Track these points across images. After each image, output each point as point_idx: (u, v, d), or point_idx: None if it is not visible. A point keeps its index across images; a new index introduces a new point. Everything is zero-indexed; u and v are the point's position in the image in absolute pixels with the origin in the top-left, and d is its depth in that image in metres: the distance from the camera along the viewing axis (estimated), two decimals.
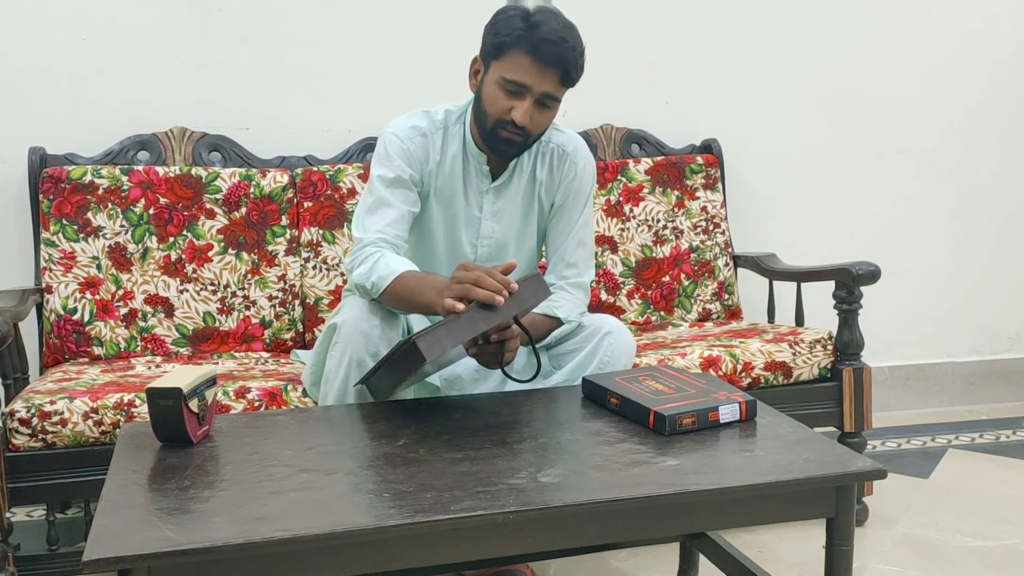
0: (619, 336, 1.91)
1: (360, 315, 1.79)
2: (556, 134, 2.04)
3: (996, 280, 3.38)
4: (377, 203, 1.92)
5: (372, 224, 1.90)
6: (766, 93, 3.08)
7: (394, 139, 1.94)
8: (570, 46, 1.80)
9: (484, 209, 1.99)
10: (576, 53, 1.82)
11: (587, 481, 1.36)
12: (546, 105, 1.85)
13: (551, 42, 1.78)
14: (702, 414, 1.54)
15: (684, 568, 1.99)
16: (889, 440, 3.03)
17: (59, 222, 2.38)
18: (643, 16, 2.96)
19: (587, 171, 2.05)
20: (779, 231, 3.09)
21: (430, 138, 1.95)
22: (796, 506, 1.41)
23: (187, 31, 2.64)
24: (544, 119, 1.88)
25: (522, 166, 2.00)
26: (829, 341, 2.39)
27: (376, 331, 1.77)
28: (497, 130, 1.86)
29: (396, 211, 1.91)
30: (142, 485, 1.35)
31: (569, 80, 1.85)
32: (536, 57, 1.79)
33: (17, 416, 1.88)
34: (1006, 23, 3.27)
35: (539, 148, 2.01)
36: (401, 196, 1.92)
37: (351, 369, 1.76)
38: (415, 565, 1.27)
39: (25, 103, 2.54)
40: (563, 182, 2.02)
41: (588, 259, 2.07)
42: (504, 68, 1.82)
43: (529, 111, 1.82)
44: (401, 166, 1.92)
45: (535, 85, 1.81)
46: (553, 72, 1.81)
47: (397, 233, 1.90)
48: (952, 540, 2.28)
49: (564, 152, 2.02)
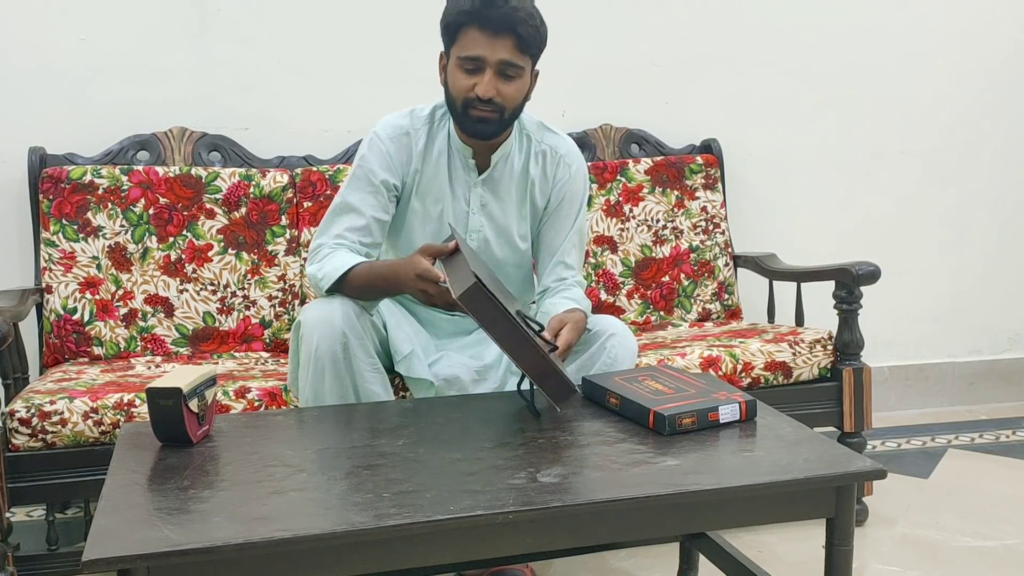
0: (623, 338, 1.91)
1: (321, 306, 1.81)
2: (549, 135, 2.04)
3: (996, 280, 3.38)
4: (342, 208, 1.93)
5: (333, 229, 1.92)
6: (766, 93, 3.08)
7: (375, 141, 1.96)
8: (514, 7, 1.80)
9: (472, 203, 1.99)
10: (525, 14, 1.81)
11: (587, 481, 1.36)
12: (508, 75, 1.85)
13: (496, 7, 1.79)
14: (702, 414, 1.54)
15: (684, 568, 1.99)
16: (889, 440, 3.03)
17: (59, 222, 2.38)
18: (643, 16, 2.96)
19: (580, 174, 2.05)
20: (779, 231, 3.09)
21: (413, 136, 1.96)
22: (796, 506, 1.41)
23: (187, 31, 2.64)
24: (512, 89, 1.86)
25: (511, 162, 2.00)
26: (829, 341, 2.39)
27: (338, 316, 1.78)
28: (467, 111, 1.86)
29: (362, 218, 1.92)
30: (142, 485, 1.35)
31: (525, 45, 1.83)
32: (485, 28, 1.80)
33: (17, 416, 1.88)
34: (1006, 23, 3.27)
35: (531, 147, 2.02)
36: (370, 202, 1.93)
37: (322, 360, 1.76)
38: (415, 565, 1.27)
39: (25, 103, 2.54)
40: (557, 183, 2.02)
41: (582, 263, 2.08)
42: (459, 48, 1.84)
43: (492, 82, 1.82)
44: (375, 171, 1.93)
45: (489, 55, 1.81)
46: (505, 38, 1.81)
47: (359, 239, 1.91)
48: (952, 540, 2.28)
49: (557, 153, 2.02)
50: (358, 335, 1.80)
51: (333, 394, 1.79)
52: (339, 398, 1.79)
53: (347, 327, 1.78)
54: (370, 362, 1.82)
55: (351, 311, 1.80)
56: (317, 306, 1.83)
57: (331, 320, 1.78)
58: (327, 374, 1.77)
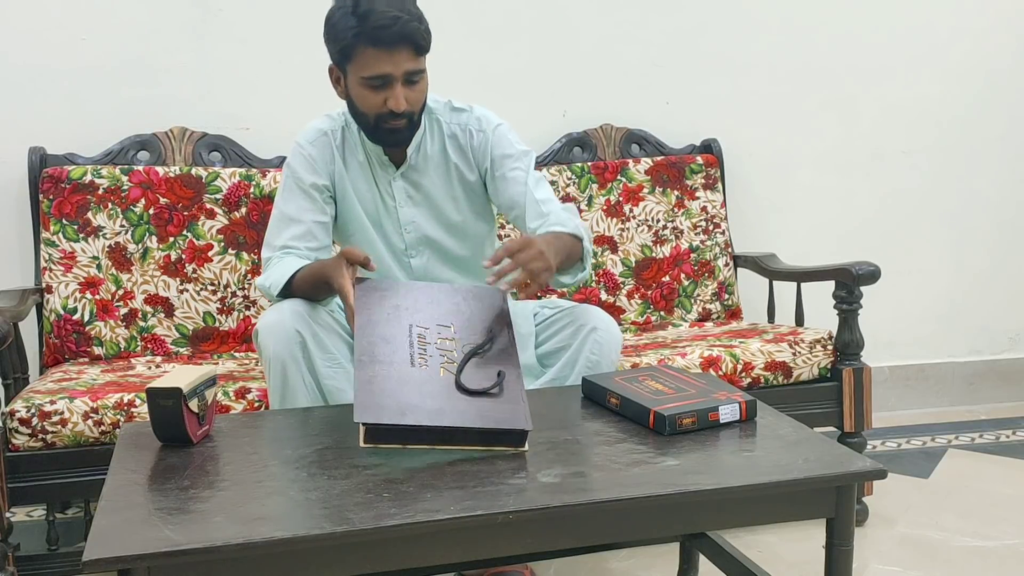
0: (606, 332, 1.89)
1: (271, 311, 1.83)
2: (456, 114, 2.02)
3: (996, 280, 3.37)
4: (280, 220, 1.96)
5: (275, 241, 1.95)
6: (766, 93, 3.08)
7: (296, 149, 1.98)
8: (405, 20, 1.79)
9: (397, 196, 2.00)
10: (415, 21, 1.81)
11: (587, 481, 1.36)
12: (413, 81, 1.85)
13: (385, 26, 1.78)
14: (702, 414, 1.54)
15: (684, 568, 1.99)
16: (889, 440, 3.03)
17: (59, 222, 2.38)
18: (643, 16, 2.96)
19: (500, 130, 2.01)
20: (779, 231, 3.09)
21: (331, 136, 1.98)
22: (796, 506, 1.41)
23: (187, 31, 2.64)
24: (417, 94, 1.88)
25: (425, 149, 1.99)
26: (829, 341, 2.39)
27: (287, 317, 1.78)
28: (381, 125, 1.87)
29: (302, 225, 1.94)
30: (142, 485, 1.35)
31: (421, 50, 1.84)
32: (380, 46, 1.79)
33: (17, 416, 1.89)
34: (1006, 23, 3.26)
35: (442, 131, 2.00)
36: (306, 207, 1.95)
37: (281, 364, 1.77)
38: (415, 565, 1.27)
39: (25, 103, 2.54)
40: (478, 153, 2.01)
41: (553, 194, 2.02)
42: (359, 68, 1.83)
43: (402, 94, 1.83)
44: (304, 176, 1.95)
45: (393, 71, 1.81)
46: (404, 49, 1.81)
47: (306, 245, 1.93)
48: (952, 540, 2.28)
49: (467, 128, 2.01)
50: (313, 332, 1.80)
51: (299, 394, 1.79)
52: (306, 397, 1.79)
53: (300, 326, 1.78)
54: (329, 358, 1.83)
55: (302, 310, 1.81)
56: (268, 313, 1.84)
57: (283, 322, 1.78)
58: (290, 376, 1.78)
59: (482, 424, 1.44)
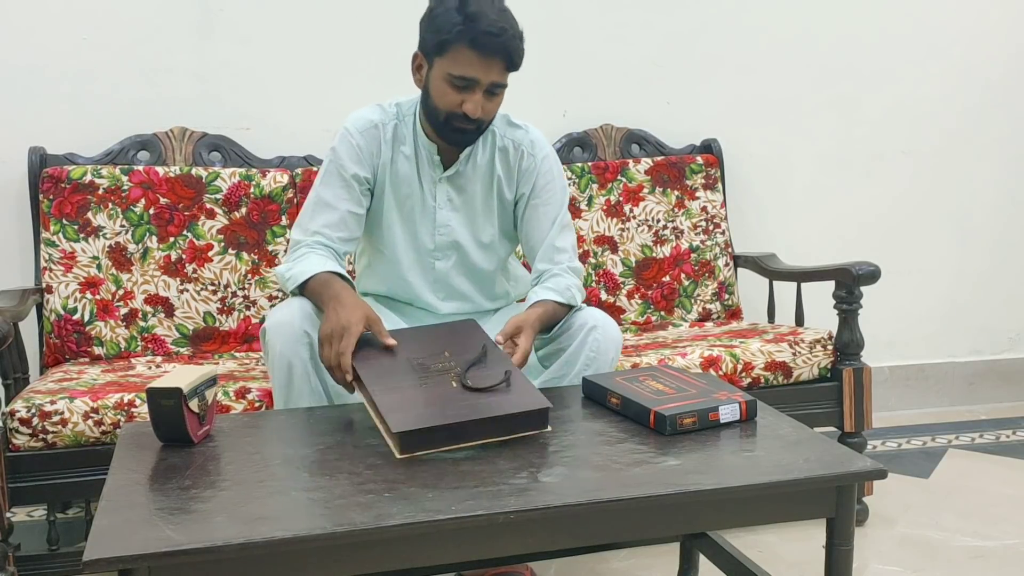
0: (605, 330, 1.90)
1: (280, 309, 1.82)
2: (511, 129, 2.04)
3: (996, 280, 3.38)
4: (317, 204, 1.95)
5: (311, 225, 1.94)
6: (766, 93, 3.08)
7: (345, 135, 1.97)
8: (511, 35, 1.82)
9: (438, 198, 2.00)
10: (517, 39, 1.84)
11: (587, 481, 1.36)
12: (494, 93, 1.87)
13: (492, 34, 1.80)
14: (703, 414, 1.54)
15: (684, 568, 1.99)
16: (889, 440, 3.03)
17: (59, 222, 2.38)
18: (643, 16, 2.96)
19: (548, 162, 2.05)
20: (779, 231, 3.09)
21: (382, 129, 1.98)
22: (796, 506, 1.41)
23: (187, 31, 2.64)
24: (494, 106, 1.90)
25: (475, 158, 2.01)
26: (829, 341, 2.39)
27: (297, 317, 1.78)
28: (451, 122, 1.88)
29: (337, 213, 1.94)
30: (142, 485, 1.35)
31: (513, 66, 1.86)
32: (479, 51, 1.81)
33: (17, 416, 1.88)
34: (1007, 24, 3.27)
35: (494, 142, 2.02)
36: (343, 196, 1.94)
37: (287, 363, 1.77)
38: (415, 565, 1.27)
39: (25, 103, 2.54)
40: (523, 175, 2.03)
41: (575, 245, 2.07)
42: (448, 64, 1.84)
43: (480, 102, 1.85)
44: (347, 165, 1.94)
45: (482, 77, 1.83)
46: (498, 62, 1.83)
47: (338, 235, 1.93)
48: (952, 540, 2.28)
49: (519, 147, 2.03)
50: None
51: (303, 395, 1.78)
52: (310, 398, 1.79)
53: (309, 326, 1.78)
54: None
55: (311, 311, 1.80)
56: (277, 310, 1.84)
57: (291, 321, 1.78)
58: (295, 375, 1.77)
59: (507, 411, 1.49)
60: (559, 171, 2.07)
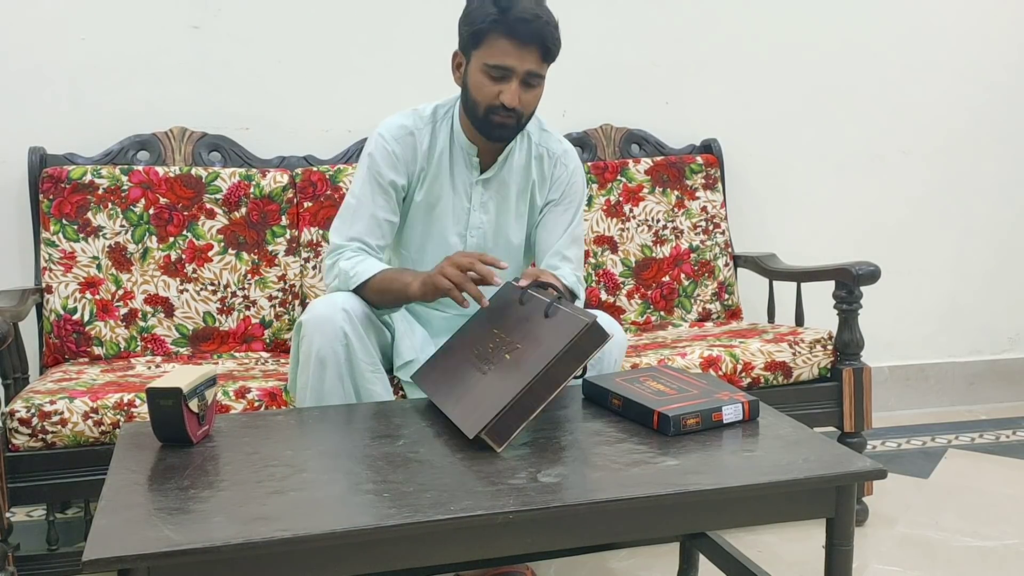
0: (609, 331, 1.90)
1: (323, 305, 1.82)
2: (547, 137, 2.06)
3: (996, 280, 3.38)
4: (357, 208, 1.95)
5: (349, 231, 1.94)
6: (766, 93, 3.08)
7: (380, 141, 1.96)
8: (544, 21, 1.83)
9: (473, 200, 2.01)
10: (552, 27, 1.85)
11: (587, 481, 1.36)
12: (531, 84, 1.87)
13: (526, 20, 1.81)
14: (706, 414, 1.54)
15: (684, 568, 1.99)
16: (889, 440, 3.03)
17: (59, 222, 2.38)
18: (643, 16, 2.96)
19: (577, 174, 2.08)
20: (779, 231, 3.09)
21: (418, 135, 1.97)
22: (796, 506, 1.41)
23: (187, 31, 2.64)
24: (532, 97, 1.90)
25: (512, 161, 2.01)
26: (829, 341, 2.39)
27: (339, 315, 1.78)
28: (490, 116, 1.88)
29: (375, 220, 1.95)
30: (142, 485, 1.35)
31: (549, 55, 1.87)
32: (514, 38, 1.81)
33: (17, 416, 1.88)
34: (1008, 24, 3.27)
35: (530, 148, 2.03)
36: (380, 203, 1.95)
37: (323, 360, 1.77)
38: (415, 565, 1.27)
39: (25, 103, 2.54)
40: (554, 182, 2.05)
41: (582, 259, 2.09)
42: (485, 55, 1.84)
43: (517, 92, 1.85)
44: (384, 172, 1.95)
45: (518, 65, 1.83)
46: (533, 50, 1.83)
47: (376, 242, 1.94)
48: (952, 540, 2.28)
49: (554, 155, 2.06)
50: (359, 335, 1.80)
51: (334, 394, 1.78)
52: (340, 398, 1.79)
53: (348, 326, 1.78)
54: (371, 362, 1.83)
55: (353, 310, 1.80)
56: (319, 305, 1.83)
57: (332, 319, 1.78)
58: (328, 373, 1.77)
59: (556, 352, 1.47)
60: (583, 184, 2.10)
